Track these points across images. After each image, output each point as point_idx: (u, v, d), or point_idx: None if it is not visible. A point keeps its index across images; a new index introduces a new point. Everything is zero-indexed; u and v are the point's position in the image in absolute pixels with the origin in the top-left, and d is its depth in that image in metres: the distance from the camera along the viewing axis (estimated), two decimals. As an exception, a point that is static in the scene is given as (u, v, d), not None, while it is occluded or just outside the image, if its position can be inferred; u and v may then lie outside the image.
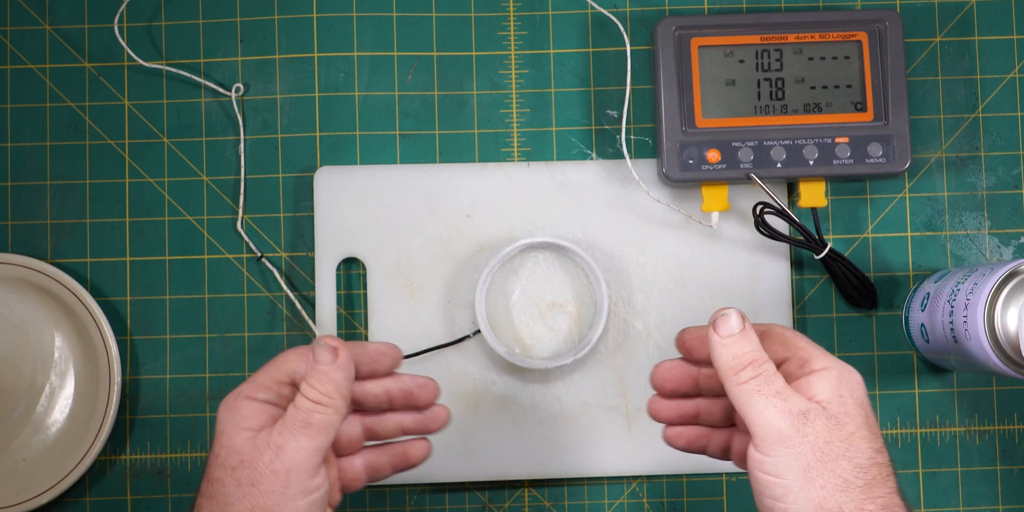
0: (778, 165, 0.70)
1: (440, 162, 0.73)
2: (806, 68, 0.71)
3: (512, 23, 0.74)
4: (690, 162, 0.70)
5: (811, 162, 0.70)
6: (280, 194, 0.73)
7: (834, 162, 0.70)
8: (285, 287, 0.72)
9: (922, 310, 0.68)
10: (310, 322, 0.71)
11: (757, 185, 0.69)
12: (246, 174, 0.73)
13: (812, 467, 0.49)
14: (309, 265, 0.72)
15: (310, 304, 0.72)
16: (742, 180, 0.70)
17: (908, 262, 0.73)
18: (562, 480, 0.72)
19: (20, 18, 0.74)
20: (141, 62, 0.73)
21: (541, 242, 0.70)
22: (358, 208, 0.71)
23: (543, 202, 0.72)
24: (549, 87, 0.73)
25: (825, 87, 0.70)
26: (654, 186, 0.72)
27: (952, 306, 0.64)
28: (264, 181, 0.73)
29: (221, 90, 0.73)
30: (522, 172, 0.72)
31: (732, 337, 0.52)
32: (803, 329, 0.72)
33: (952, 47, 0.74)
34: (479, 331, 0.70)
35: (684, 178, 0.70)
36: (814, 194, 0.70)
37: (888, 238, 0.73)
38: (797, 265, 0.73)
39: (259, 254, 0.72)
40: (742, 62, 0.70)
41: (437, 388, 0.58)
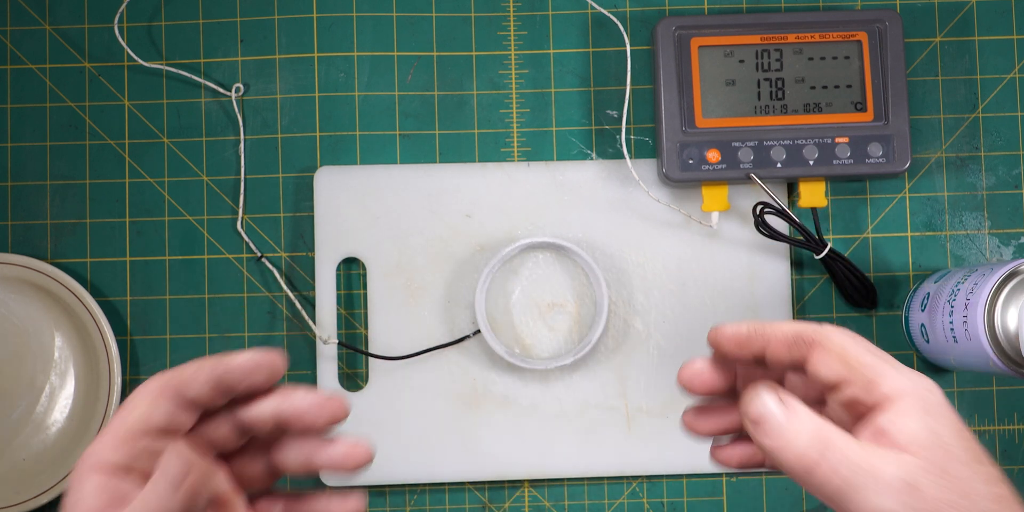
0: (778, 165, 0.70)
1: (440, 162, 0.73)
2: (806, 68, 0.71)
3: (512, 23, 0.74)
4: (690, 162, 0.70)
5: (811, 162, 0.70)
6: (280, 194, 0.73)
7: (834, 162, 0.70)
8: (285, 287, 0.72)
9: (922, 310, 0.68)
10: (310, 322, 0.71)
11: (757, 185, 0.69)
12: (246, 174, 0.73)
13: None
14: (309, 265, 0.72)
15: (310, 304, 0.72)
16: (742, 180, 0.70)
17: (908, 262, 0.73)
18: (562, 480, 0.72)
19: (20, 18, 0.74)
20: (141, 62, 0.73)
21: (541, 242, 0.70)
22: (358, 208, 0.71)
23: (543, 202, 0.72)
24: (549, 87, 0.73)
25: (825, 87, 0.70)
26: (654, 186, 0.72)
27: (952, 306, 0.64)
28: (264, 181, 0.73)
29: (221, 90, 0.73)
30: (522, 172, 0.72)
31: (786, 427, 0.43)
32: (803, 329, 0.72)
33: (952, 47, 0.74)
34: (479, 331, 0.70)
35: (684, 178, 0.70)
36: (814, 194, 0.70)
37: (888, 238, 0.73)
38: (797, 265, 0.73)
39: (259, 254, 0.72)
40: (742, 62, 0.70)
41: (342, 407, 0.46)
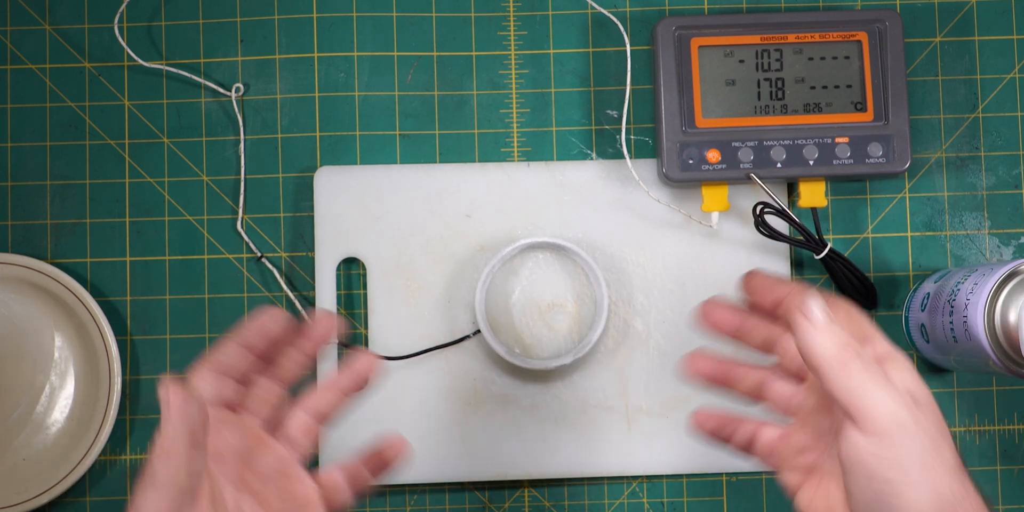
0: (778, 165, 0.70)
1: (440, 162, 0.73)
2: (806, 68, 0.71)
3: (512, 23, 0.74)
4: (690, 162, 0.70)
5: (811, 162, 0.70)
6: (280, 194, 0.73)
7: (834, 162, 0.70)
8: (285, 287, 0.72)
9: (922, 310, 0.68)
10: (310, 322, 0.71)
11: (757, 185, 0.69)
12: (246, 174, 0.73)
13: (927, 452, 0.49)
14: (309, 265, 0.72)
15: (310, 304, 0.72)
16: (742, 180, 0.70)
17: (908, 262, 0.73)
18: (562, 480, 0.72)
19: (20, 18, 0.74)
20: (141, 62, 0.73)
21: (541, 242, 0.70)
22: (358, 208, 0.71)
23: (543, 202, 0.72)
24: (549, 87, 0.73)
25: (825, 87, 0.70)
26: (654, 186, 0.72)
27: (952, 306, 0.64)
28: (264, 181, 0.73)
29: (221, 90, 0.73)
30: (522, 172, 0.72)
31: (830, 326, 0.51)
32: (803, 329, 0.72)
33: (952, 47, 0.74)
34: (479, 331, 0.70)
35: (684, 178, 0.70)
36: (814, 194, 0.70)
37: (888, 238, 0.73)
38: (797, 265, 0.73)
39: (259, 254, 0.72)
40: (742, 62, 0.70)
41: (336, 323, 0.56)
